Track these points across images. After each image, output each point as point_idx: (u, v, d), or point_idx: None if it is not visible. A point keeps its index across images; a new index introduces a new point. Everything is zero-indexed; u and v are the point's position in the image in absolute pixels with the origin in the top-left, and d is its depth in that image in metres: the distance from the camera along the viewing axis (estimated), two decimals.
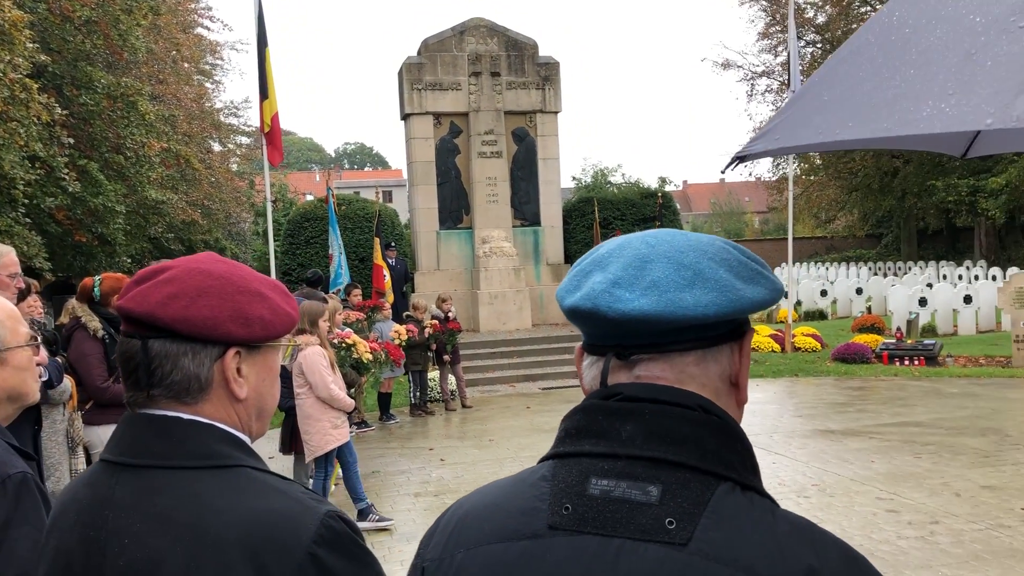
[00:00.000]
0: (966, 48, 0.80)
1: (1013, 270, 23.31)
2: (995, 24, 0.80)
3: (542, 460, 1.07)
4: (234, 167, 30.73)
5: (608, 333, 1.02)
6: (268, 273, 13.81)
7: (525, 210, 19.46)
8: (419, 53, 18.76)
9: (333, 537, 1.22)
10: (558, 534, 0.97)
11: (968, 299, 19.48)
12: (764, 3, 39.21)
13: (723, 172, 0.99)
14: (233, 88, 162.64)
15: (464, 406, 12.61)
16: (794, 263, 36.94)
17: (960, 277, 28.84)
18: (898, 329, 17.33)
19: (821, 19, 37.85)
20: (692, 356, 1.02)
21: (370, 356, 8.67)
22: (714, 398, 1.02)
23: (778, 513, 0.96)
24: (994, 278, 26.07)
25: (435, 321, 12.24)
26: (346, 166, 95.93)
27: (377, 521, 7.03)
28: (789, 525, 0.95)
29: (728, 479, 0.96)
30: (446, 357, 12.49)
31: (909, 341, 15.96)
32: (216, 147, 29.18)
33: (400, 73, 18.99)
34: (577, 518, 0.96)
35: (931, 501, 6.98)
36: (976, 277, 27.99)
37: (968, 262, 33.87)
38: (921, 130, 0.78)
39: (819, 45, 37.88)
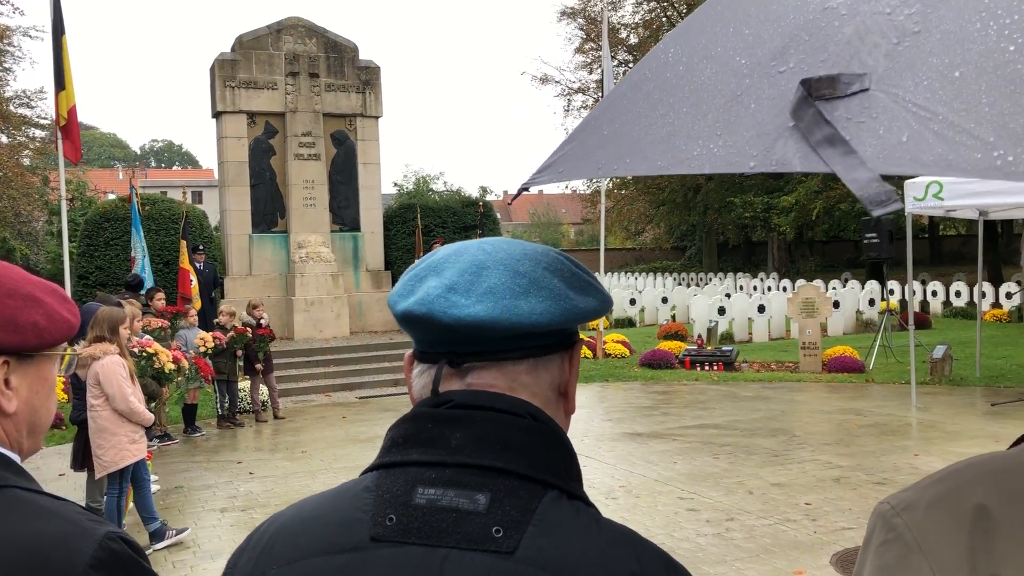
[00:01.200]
0: (732, 89, 0.84)
1: (801, 282, 25.30)
2: (758, 67, 0.85)
3: (366, 471, 1.03)
4: (26, 161, 28.44)
5: (441, 340, 1.00)
6: (62, 276, 12.85)
7: (344, 215, 19.14)
8: (233, 49, 18.07)
9: (112, 560, 1.14)
10: (381, 546, 0.93)
11: (762, 309, 20.97)
12: (580, 21, 40.71)
13: (510, 203, 1.00)
14: (26, 77, 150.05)
15: (276, 417, 12.21)
16: (606, 273, 38.49)
17: (755, 288, 30.98)
18: (699, 336, 18.40)
19: (634, 40, 39.74)
20: (524, 365, 1.01)
21: (173, 366, 8.23)
22: (544, 407, 1.02)
23: (602, 522, 0.97)
24: (785, 289, 28.18)
25: (242, 326, 11.76)
26: (153, 164, 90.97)
27: (175, 536, 6.69)
28: (613, 533, 0.96)
29: (555, 487, 0.96)
30: (258, 366, 12.04)
31: (709, 348, 16.97)
32: (3, 139, 26.87)
33: (212, 69, 18.22)
34: (401, 529, 0.93)
35: (727, 499, 7.43)
36: (769, 288, 30.16)
37: (763, 274, 36.46)
38: (692, 169, 0.81)
39: (631, 65, 39.68)
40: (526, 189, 1.00)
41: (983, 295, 19.92)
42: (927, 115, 0.73)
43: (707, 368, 15.54)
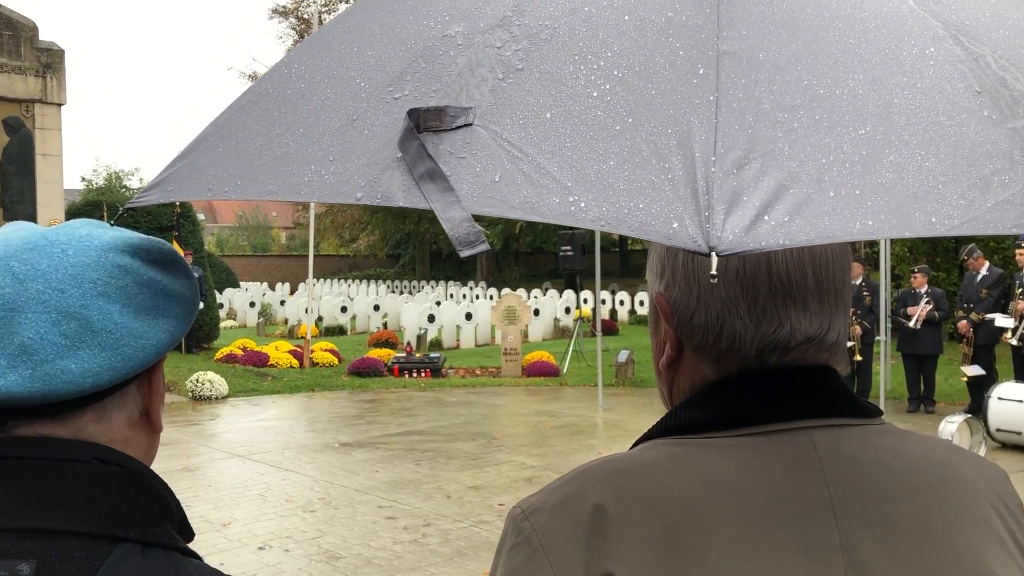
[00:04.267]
0: (349, 113, 0.82)
1: (506, 291, 26.48)
2: (376, 92, 0.83)
3: None
4: None
5: None
6: None
7: (17, 210, 17.11)
8: None
9: None
10: None
11: (469, 316, 21.67)
12: (292, 20, 39.84)
13: (112, 223, 0.87)
14: None
15: None
16: (318, 280, 37.83)
17: (464, 296, 31.98)
18: (408, 343, 18.62)
19: None
20: (90, 413, 0.89)
21: None
22: (123, 445, 0.91)
23: (182, 569, 0.88)
24: (491, 297, 29.35)
25: None
26: None
27: None
28: None
29: (127, 540, 0.85)
30: None
31: (418, 355, 17.22)
32: None
33: None
34: None
35: (425, 505, 7.54)
36: (477, 296, 31.26)
37: (472, 282, 37.72)
38: (303, 197, 0.78)
39: None
40: (132, 209, 0.90)
41: (641, 303, 21.89)
42: (519, 155, 0.75)
43: (415, 375, 15.75)
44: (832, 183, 0.69)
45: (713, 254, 0.64)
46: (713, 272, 0.66)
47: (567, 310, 24.59)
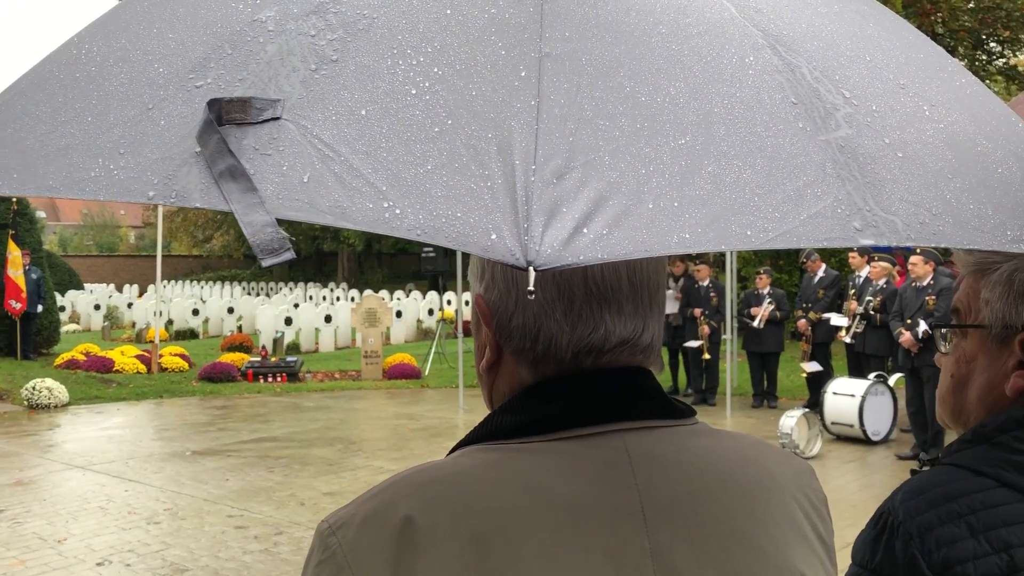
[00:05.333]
0: (145, 101, 0.75)
1: (368, 292, 26.12)
2: (176, 79, 0.77)
3: None
4: None
5: None
6: None
7: None
8: None
9: None
10: None
11: (328, 319, 21.23)
12: None
13: None
14: None
15: None
16: (168, 281, 36.16)
17: (324, 298, 31.33)
18: (263, 347, 18.06)
19: None
20: None
21: None
22: None
23: None
24: (353, 299, 28.88)
25: None
26: None
27: None
28: None
29: None
30: None
31: (274, 359, 16.73)
32: None
33: None
34: None
35: (278, 513, 7.31)
36: (338, 298, 30.69)
37: (333, 284, 37.02)
38: (88, 195, 0.70)
39: None
40: None
41: None
42: (331, 154, 0.70)
43: (271, 380, 15.28)
44: (651, 194, 0.68)
45: (531, 268, 0.62)
46: (531, 288, 0.64)
47: (430, 312, 24.49)
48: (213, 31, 0.80)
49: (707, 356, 12.44)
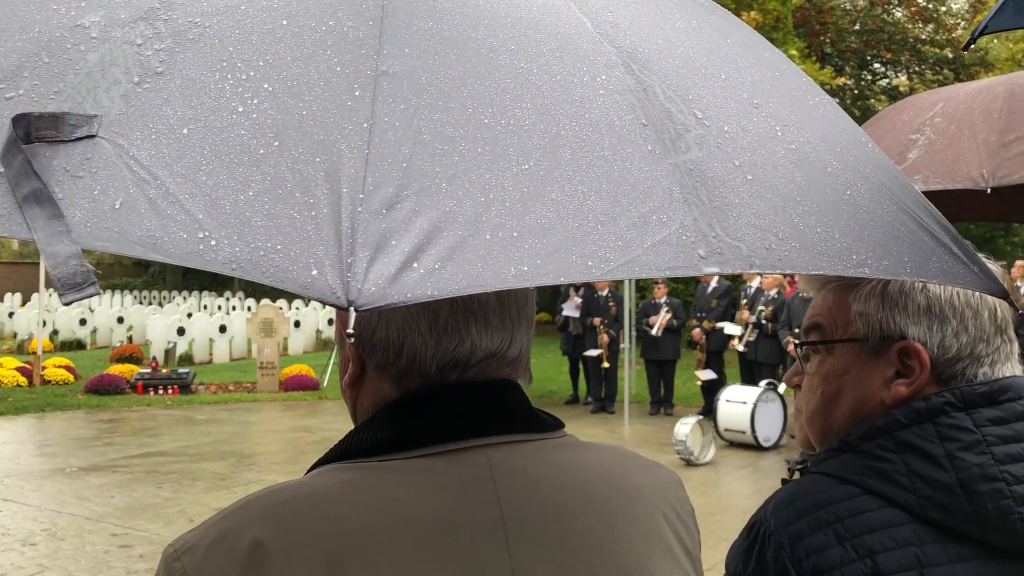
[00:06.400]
0: None
1: (265, 301, 25.47)
2: None
3: None
4: None
5: None
6: None
7: None
8: None
9: None
10: None
11: (223, 329, 20.60)
12: None
13: None
14: None
15: None
16: (54, 290, 34.45)
17: (220, 308, 30.41)
18: (154, 358, 17.40)
19: None
20: None
21: None
22: None
23: None
24: (249, 309, 28.11)
25: None
26: None
27: None
28: None
29: None
30: None
31: (165, 370, 16.12)
32: None
33: None
34: None
35: (166, 530, 7.02)
36: (234, 308, 29.84)
37: (228, 293, 35.97)
38: None
39: None
40: None
41: None
42: (147, 178, 0.64)
43: (161, 392, 14.73)
44: (490, 224, 0.65)
45: (351, 309, 0.58)
46: (350, 331, 0.60)
47: (330, 321, 24.04)
48: (30, 36, 0.74)
49: (606, 364, 12.59)
